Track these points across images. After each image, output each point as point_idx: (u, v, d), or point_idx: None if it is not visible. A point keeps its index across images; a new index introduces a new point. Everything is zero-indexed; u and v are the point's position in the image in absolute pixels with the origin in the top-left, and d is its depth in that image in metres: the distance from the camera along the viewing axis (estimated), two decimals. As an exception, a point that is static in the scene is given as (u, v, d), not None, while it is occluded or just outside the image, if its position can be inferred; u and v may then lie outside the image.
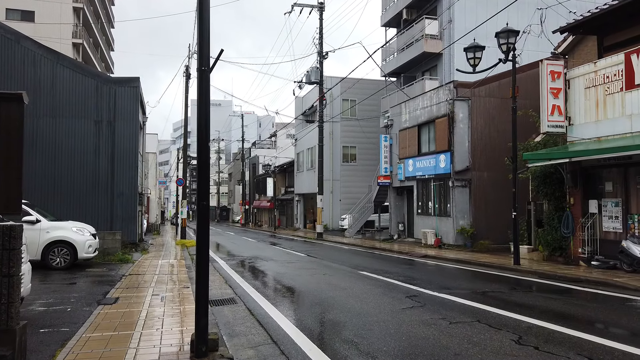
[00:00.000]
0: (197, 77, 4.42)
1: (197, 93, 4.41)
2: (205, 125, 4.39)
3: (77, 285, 8.70)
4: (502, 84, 18.06)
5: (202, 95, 4.40)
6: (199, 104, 4.42)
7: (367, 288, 8.65)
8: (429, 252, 16.00)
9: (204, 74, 4.40)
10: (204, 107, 4.40)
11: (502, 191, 17.45)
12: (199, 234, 4.32)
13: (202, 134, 4.37)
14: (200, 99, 4.40)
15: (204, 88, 4.38)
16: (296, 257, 15.22)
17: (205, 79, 4.40)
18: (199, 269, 4.30)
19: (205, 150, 4.40)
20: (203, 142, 4.39)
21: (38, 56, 15.56)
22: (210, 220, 32.23)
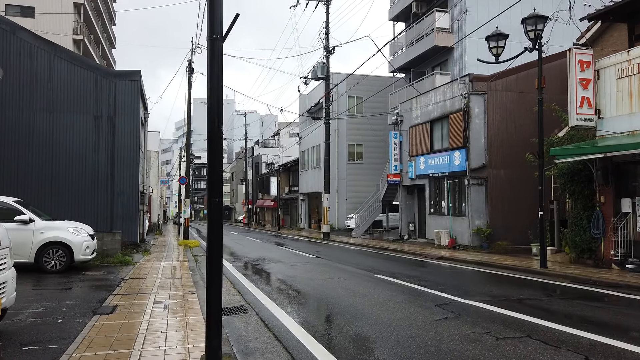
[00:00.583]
0: (208, 49, 3.67)
1: (208, 69, 3.66)
2: (218, 107, 3.64)
3: (72, 291, 7.96)
4: (520, 78, 17.29)
5: (214, 71, 3.65)
6: (210, 81, 3.67)
7: (389, 294, 7.89)
8: (444, 254, 15.23)
9: (215, 45, 3.65)
10: (215, 86, 3.65)
11: (520, 189, 16.69)
12: (211, 240, 3.58)
13: (214, 118, 3.63)
14: (211, 75, 3.65)
15: (216, 61, 3.63)
16: (305, 259, 14.47)
17: (218, 50, 3.65)
18: (211, 281, 3.56)
19: (218, 137, 3.65)
20: (215, 128, 3.64)
21: (35, 48, 14.86)
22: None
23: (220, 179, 3.66)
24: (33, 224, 9.77)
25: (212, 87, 3.56)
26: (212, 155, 3.60)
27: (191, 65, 21.65)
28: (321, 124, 31.03)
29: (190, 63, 21.71)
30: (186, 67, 21.72)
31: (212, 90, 3.57)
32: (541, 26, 10.86)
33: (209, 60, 3.59)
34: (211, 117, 3.58)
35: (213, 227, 3.58)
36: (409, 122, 21.02)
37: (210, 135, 3.59)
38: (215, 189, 3.60)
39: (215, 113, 3.59)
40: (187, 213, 21.75)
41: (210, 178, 3.61)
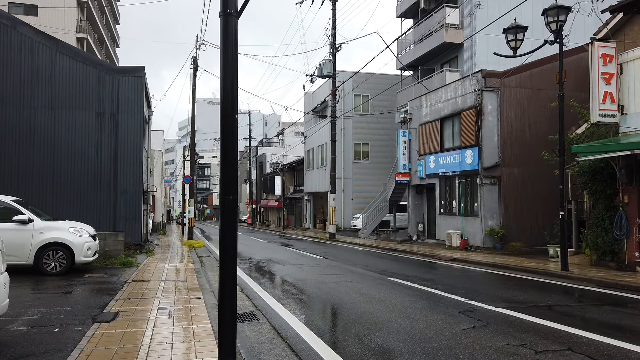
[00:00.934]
0: (221, 26, 3.21)
1: (221, 49, 3.21)
2: (232, 92, 3.19)
3: (72, 295, 7.53)
4: (534, 74, 16.79)
5: (228, 51, 3.20)
6: (223, 62, 3.22)
7: (407, 300, 7.43)
8: (457, 255, 14.75)
9: (229, 21, 3.19)
10: (230, 67, 3.20)
11: (534, 189, 16.20)
12: (225, 244, 3.14)
13: (228, 104, 3.17)
14: (225, 56, 3.20)
15: (230, 40, 3.18)
16: (313, 260, 14.02)
17: (232, 28, 3.20)
18: (224, 294, 3.13)
19: (232, 127, 3.19)
20: (229, 116, 3.19)
21: (36, 43, 14.46)
22: (216, 220, 30.99)
23: (235, 174, 3.21)
24: (32, 224, 9.36)
25: (226, 69, 3.12)
26: (226, 147, 3.16)
27: (196, 62, 21.23)
28: (327, 123, 30.58)
29: (194, 60, 21.29)
30: (190, 64, 21.32)
31: (226, 72, 3.12)
32: (563, 17, 10.36)
33: (222, 39, 3.15)
34: (224, 103, 3.14)
35: (227, 228, 3.13)
36: (418, 120, 20.53)
37: (224, 125, 3.14)
38: (229, 185, 3.15)
39: (229, 99, 3.15)
40: (191, 213, 21.34)
41: (224, 173, 3.16)
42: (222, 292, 3.16)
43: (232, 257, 3.15)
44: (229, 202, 3.15)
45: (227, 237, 3.15)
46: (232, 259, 3.15)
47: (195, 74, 21.09)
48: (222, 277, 3.12)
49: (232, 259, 3.15)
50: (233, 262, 3.16)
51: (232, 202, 3.16)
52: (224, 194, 3.14)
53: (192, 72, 21.16)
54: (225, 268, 3.11)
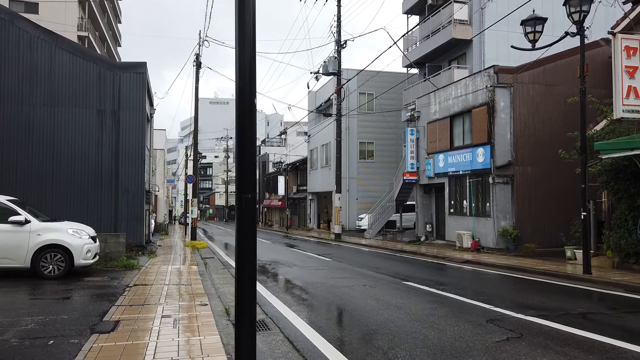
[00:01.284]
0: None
1: (237, 17, 2.73)
2: (250, 72, 2.72)
3: (70, 302, 7.07)
4: (547, 70, 16.29)
5: (245, 21, 2.72)
6: (239, 36, 2.75)
7: (427, 307, 6.95)
8: (469, 257, 14.26)
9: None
10: (249, 40, 2.72)
11: (549, 188, 15.70)
12: (242, 251, 2.68)
13: (246, 86, 2.70)
14: (241, 28, 2.72)
15: (247, 7, 2.69)
16: (321, 262, 13.54)
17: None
18: (242, 311, 2.67)
19: (250, 112, 2.71)
20: (246, 99, 2.70)
21: (35, 38, 14.00)
22: (218, 220, 30.48)
23: (253, 168, 2.74)
24: (29, 225, 8.90)
25: (243, 42, 2.65)
26: (243, 137, 2.68)
27: (199, 59, 20.77)
28: (331, 122, 30.12)
29: (197, 57, 20.83)
30: (193, 61, 20.87)
31: (243, 45, 2.65)
32: (586, 7, 9.86)
33: (238, 6, 2.67)
34: (241, 84, 2.66)
35: (245, 232, 2.66)
36: (426, 117, 20.03)
37: (241, 111, 2.67)
38: (246, 181, 2.68)
39: (246, 79, 2.68)
40: (194, 213, 20.88)
41: (241, 167, 2.69)
42: (240, 309, 2.70)
43: (250, 267, 2.68)
44: (246, 202, 2.68)
45: (245, 243, 2.68)
46: (250, 269, 2.68)
47: (198, 71, 20.64)
48: (240, 291, 2.66)
49: (250, 270, 2.68)
50: (252, 274, 2.69)
51: (250, 202, 2.69)
52: (241, 192, 2.67)
53: (194, 69, 20.73)
54: (243, 280, 2.64)
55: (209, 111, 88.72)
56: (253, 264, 2.72)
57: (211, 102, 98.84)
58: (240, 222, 2.69)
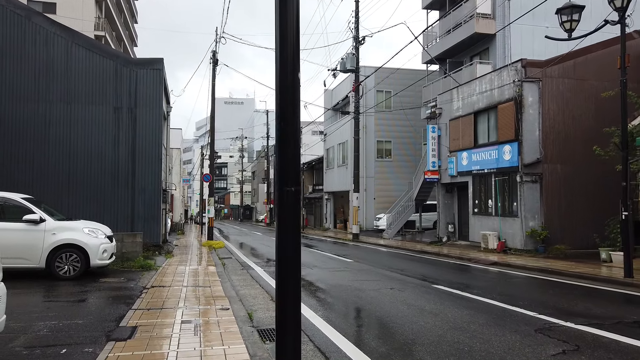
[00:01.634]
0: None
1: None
2: (295, 31, 2.25)
3: (85, 305, 6.73)
4: (578, 63, 15.58)
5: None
6: (281, 6, 2.28)
7: (465, 313, 6.43)
8: (496, 259, 13.65)
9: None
10: (292, 12, 2.26)
11: (579, 187, 15.00)
12: (284, 258, 2.23)
13: (288, 54, 2.26)
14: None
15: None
16: (342, 263, 13.08)
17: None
18: (284, 329, 2.19)
19: (292, 89, 2.27)
20: (288, 73, 2.27)
21: (51, 34, 13.81)
22: (233, 220, 29.99)
23: (297, 156, 2.30)
24: (44, 224, 8.61)
25: (284, 21, 2.21)
26: (284, 118, 2.24)
27: (215, 56, 20.47)
28: (348, 120, 29.63)
29: (214, 54, 20.53)
30: (210, 58, 20.58)
31: (284, 22, 2.21)
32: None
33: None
34: (283, 51, 2.22)
35: (286, 233, 2.21)
36: (448, 114, 19.42)
37: (282, 86, 2.23)
38: (289, 172, 2.24)
39: (289, 42, 2.23)
40: (211, 212, 20.59)
41: (282, 155, 2.25)
42: (281, 327, 2.24)
43: (294, 280, 2.23)
44: (289, 197, 2.23)
45: (287, 246, 2.24)
46: (294, 282, 2.23)
47: (215, 68, 20.34)
48: (282, 308, 2.21)
49: (294, 284, 2.23)
50: (296, 289, 2.24)
51: (294, 196, 2.25)
52: (282, 185, 2.23)
53: (211, 66, 20.42)
54: (285, 297, 2.19)
55: (224, 111, 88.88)
56: (297, 275, 2.27)
57: (226, 102, 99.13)
58: (282, 221, 2.25)
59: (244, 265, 12.71)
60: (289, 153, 2.26)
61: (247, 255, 15.87)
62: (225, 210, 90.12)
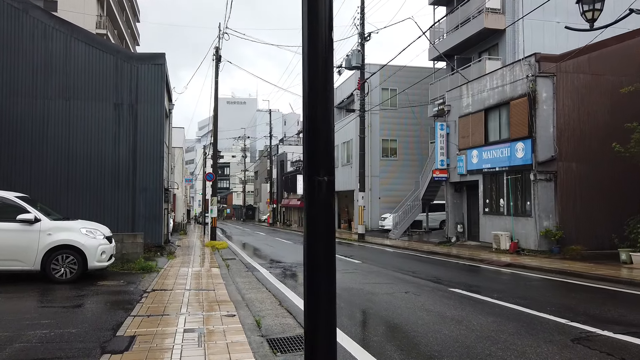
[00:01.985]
0: None
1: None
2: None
3: (81, 311, 6.27)
4: (593, 58, 15.06)
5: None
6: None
7: (490, 321, 5.95)
8: (509, 260, 13.15)
9: None
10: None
11: (596, 185, 14.49)
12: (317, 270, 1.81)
13: (320, 11, 1.75)
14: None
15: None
16: (350, 265, 12.60)
17: None
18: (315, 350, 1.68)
19: (325, 56, 1.79)
20: (319, 40, 1.78)
21: (49, 28, 13.38)
22: (235, 220, 29.36)
23: (330, 138, 1.83)
24: (39, 224, 8.15)
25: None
26: (316, 103, 1.77)
27: (218, 52, 20.02)
28: (353, 118, 29.15)
29: (217, 50, 20.08)
30: (213, 54, 20.13)
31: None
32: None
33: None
34: (312, 6, 1.75)
35: (317, 231, 1.74)
36: (457, 111, 18.92)
37: (312, 53, 1.76)
38: (320, 158, 1.76)
39: (320, 11, 1.76)
40: (214, 212, 20.15)
41: (313, 135, 1.78)
42: (312, 354, 1.76)
43: (327, 294, 1.75)
44: (321, 188, 1.76)
45: (319, 250, 1.77)
46: (327, 296, 1.75)
47: (218, 64, 19.89)
48: (312, 334, 1.72)
49: (327, 297, 1.75)
50: (329, 305, 1.76)
51: (326, 188, 1.78)
52: (312, 174, 1.76)
53: (214, 62, 19.97)
54: (317, 314, 1.72)
55: (226, 111, 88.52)
56: (331, 289, 1.79)
57: (228, 102, 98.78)
58: (313, 218, 1.78)
59: (249, 266, 12.25)
60: (321, 134, 1.79)
61: (252, 256, 15.41)
62: (227, 210, 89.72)
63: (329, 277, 1.83)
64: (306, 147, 1.79)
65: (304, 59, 1.77)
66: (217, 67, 19.69)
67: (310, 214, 1.83)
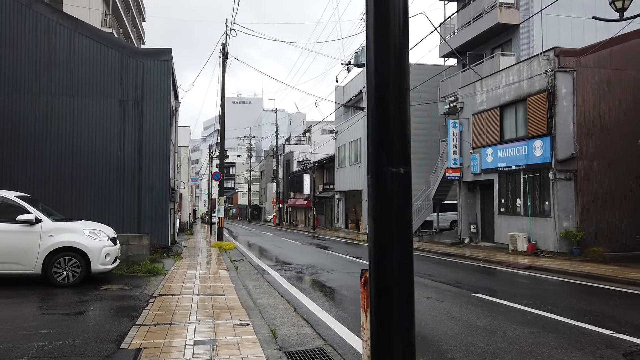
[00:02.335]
0: None
1: None
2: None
3: (83, 319, 5.84)
4: (614, 52, 14.50)
5: None
6: None
7: (527, 331, 5.46)
8: (528, 262, 12.63)
9: None
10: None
11: (617, 184, 13.95)
12: (388, 287, 1.38)
13: None
14: None
15: None
16: (363, 267, 12.09)
17: None
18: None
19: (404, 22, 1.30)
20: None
21: (53, 23, 12.99)
22: (241, 219, 28.84)
23: (407, 120, 1.37)
24: (40, 225, 7.74)
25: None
26: (388, 66, 1.29)
27: (225, 49, 19.60)
28: (361, 117, 28.72)
29: (224, 47, 19.66)
30: (220, 51, 19.70)
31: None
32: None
33: None
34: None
35: (389, 239, 1.28)
36: (471, 109, 18.38)
37: (379, 16, 1.29)
38: (393, 143, 1.30)
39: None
40: (221, 212, 19.74)
41: (384, 117, 1.31)
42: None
43: (406, 332, 1.28)
44: (394, 183, 1.31)
45: (392, 262, 1.31)
46: (406, 333, 1.27)
47: (225, 62, 19.46)
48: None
49: (407, 324, 1.28)
50: (408, 344, 1.28)
51: (401, 182, 1.32)
52: (380, 164, 1.30)
53: (221, 60, 19.55)
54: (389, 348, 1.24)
55: (232, 111, 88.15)
56: (409, 321, 1.32)
57: (234, 102, 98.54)
58: (381, 221, 1.33)
59: (258, 268, 11.81)
60: (393, 113, 1.33)
61: (260, 257, 14.98)
62: (233, 210, 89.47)
63: (406, 302, 1.37)
64: (372, 132, 1.33)
65: (371, 27, 1.31)
66: (224, 64, 19.27)
67: (376, 216, 1.37)
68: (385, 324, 1.36)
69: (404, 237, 1.38)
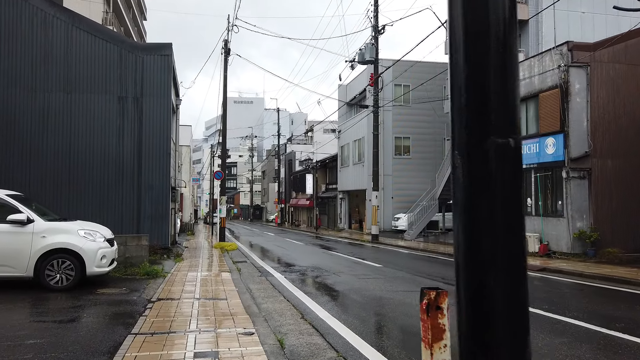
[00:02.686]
0: None
1: None
2: None
3: (75, 327, 5.40)
4: (630, 47, 14.05)
5: None
6: None
7: (556, 342, 5.01)
8: (540, 263, 12.18)
9: None
10: None
11: (633, 183, 13.51)
12: (488, 293, 0.92)
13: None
14: None
15: None
16: (370, 269, 11.69)
17: None
18: None
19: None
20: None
21: (49, 17, 12.58)
22: (243, 220, 28.34)
23: (515, 73, 0.93)
24: (32, 225, 7.31)
25: None
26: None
27: (227, 45, 19.18)
28: (365, 115, 28.21)
29: (226, 43, 19.24)
30: (222, 47, 19.29)
31: None
32: None
33: None
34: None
35: (497, 236, 0.83)
36: (479, 106, 17.91)
37: None
38: (494, 105, 0.86)
39: None
40: (223, 212, 19.32)
41: (482, 77, 0.87)
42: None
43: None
44: (498, 156, 0.86)
45: (499, 270, 0.87)
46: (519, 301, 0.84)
47: (227, 58, 19.04)
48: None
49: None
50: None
51: (513, 156, 0.87)
52: (484, 134, 0.86)
53: (223, 56, 19.13)
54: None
55: (233, 110, 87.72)
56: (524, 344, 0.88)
57: (235, 102, 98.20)
58: (478, 213, 0.88)
59: (262, 270, 11.38)
60: (498, 62, 0.89)
61: (263, 258, 14.55)
62: (235, 210, 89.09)
63: (521, 316, 0.94)
64: (468, 90, 0.90)
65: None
66: (225, 60, 18.85)
67: (473, 215, 0.92)
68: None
69: (513, 216, 0.92)
